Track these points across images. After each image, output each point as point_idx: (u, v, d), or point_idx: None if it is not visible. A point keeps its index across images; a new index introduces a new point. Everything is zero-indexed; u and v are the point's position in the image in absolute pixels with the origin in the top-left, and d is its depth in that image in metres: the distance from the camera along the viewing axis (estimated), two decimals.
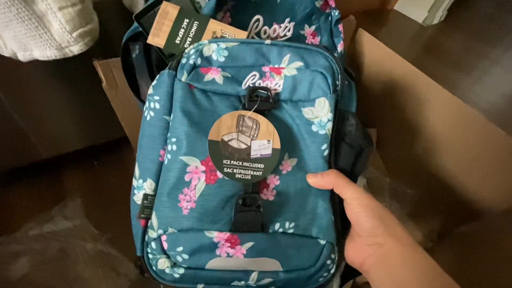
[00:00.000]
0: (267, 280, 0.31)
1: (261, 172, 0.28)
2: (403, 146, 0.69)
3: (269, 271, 0.31)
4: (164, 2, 0.32)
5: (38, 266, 0.66)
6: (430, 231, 0.63)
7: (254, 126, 0.28)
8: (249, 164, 0.28)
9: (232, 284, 0.32)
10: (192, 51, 0.30)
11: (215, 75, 0.28)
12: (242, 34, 0.33)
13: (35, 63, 0.73)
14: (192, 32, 0.33)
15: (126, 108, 0.61)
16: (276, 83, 0.29)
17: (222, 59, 0.28)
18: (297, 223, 0.32)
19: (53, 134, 0.85)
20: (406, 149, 0.68)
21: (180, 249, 0.31)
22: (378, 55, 0.61)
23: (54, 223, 0.74)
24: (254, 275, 0.31)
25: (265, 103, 0.28)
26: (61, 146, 0.89)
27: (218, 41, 0.29)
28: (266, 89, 0.28)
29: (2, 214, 0.80)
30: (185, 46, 0.33)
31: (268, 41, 0.30)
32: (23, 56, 0.51)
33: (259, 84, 0.29)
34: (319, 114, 0.29)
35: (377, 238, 0.31)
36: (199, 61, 0.29)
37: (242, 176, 0.28)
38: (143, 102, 0.48)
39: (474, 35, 1.58)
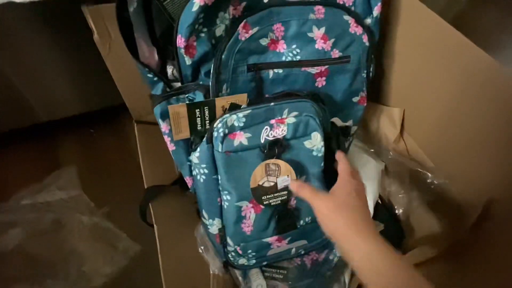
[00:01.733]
0: (300, 251, 0.52)
1: (285, 197, 0.43)
2: (431, 129, 0.61)
3: (300, 245, 0.51)
4: (169, 106, 0.39)
5: (32, 237, 0.63)
6: (451, 223, 0.59)
7: (277, 168, 0.41)
8: (278, 193, 0.43)
9: (280, 258, 0.52)
10: (219, 125, 0.40)
11: (240, 139, 0.40)
12: (243, 97, 0.42)
13: (30, 15, 0.64)
14: (206, 116, 0.41)
15: (122, 67, 0.53)
16: (282, 129, 0.41)
17: (241, 124, 0.40)
18: (312, 217, 0.48)
19: (50, 97, 0.79)
20: (435, 133, 0.61)
21: (250, 251, 0.48)
22: (416, 20, 0.52)
23: (48, 193, 0.69)
24: (293, 251, 0.51)
25: (279, 148, 0.41)
26: (58, 110, 0.82)
27: (236, 112, 0.40)
28: (278, 140, 0.41)
29: None
30: (207, 127, 0.43)
31: (272, 103, 0.41)
32: None
33: (271, 134, 0.41)
34: (315, 143, 0.43)
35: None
36: (226, 131, 0.40)
37: (275, 202, 0.43)
38: (143, 64, 0.40)
39: (509, 11, 1.43)
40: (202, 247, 0.50)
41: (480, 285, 0.49)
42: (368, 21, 0.44)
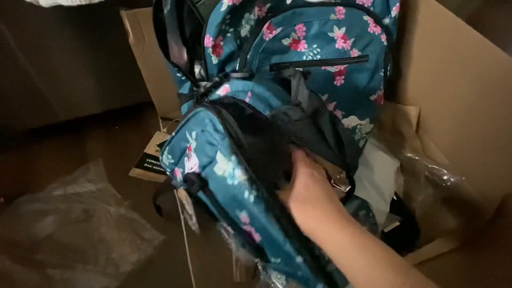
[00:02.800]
0: None
1: None
2: (448, 127, 0.62)
3: None
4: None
5: (63, 226, 0.67)
6: (467, 219, 0.59)
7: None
8: None
9: None
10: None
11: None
12: None
13: (56, 16, 0.67)
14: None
15: (152, 67, 0.56)
16: (194, 162, 0.35)
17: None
18: None
19: (72, 96, 0.82)
20: (451, 131, 0.61)
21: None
22: (433, 21, 0.52)
23: (77, 185, 0.73)
24: None
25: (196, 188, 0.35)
26: (79, 109, 0.86)
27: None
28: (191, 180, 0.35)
29: (26, 173, 0.80)
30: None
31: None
32: (45, 1, 0.46)
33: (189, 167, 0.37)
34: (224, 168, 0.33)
35: None
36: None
37: None
38: (172, 64, 0.43)
39: None
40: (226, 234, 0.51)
41: (494, 281, 0.49)
42: (387, 21, 0.45)
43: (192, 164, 0.34)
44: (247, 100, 0.33)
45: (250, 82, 0.34)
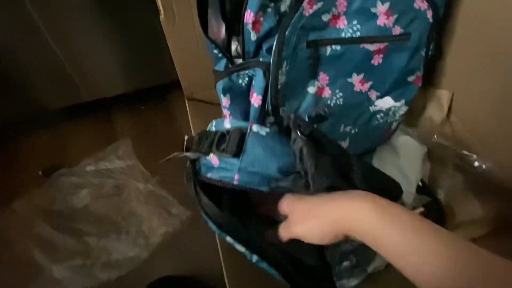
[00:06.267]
0: None
1: None
2: (482, 113, 0.58)
3: None
4: None
5: (97, 199, 0.69)
6: (497, 207, 0.57)
7: None
8: None
9: None
10: None
11: None
12: None
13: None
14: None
15: (182, 47, 0.54)
16: None
17: None
18: None
19: (96, 77, 0.83)
20: (486, 116, 0.58)
21: None
22: None
23: (108, 162, 0.75)
24: None
25: None
26: (103, 90, 0.87)
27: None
28: None
29: (61, 149, 0.82)
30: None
31: None
32: None
33: None
34: None
35: None
36: None
37: None
38: (210, 40, 0.41)
39: None
40: None
41: None
42: None
43: None
44: (235, 182, 0.30)
45: (237, 161, 0.29)
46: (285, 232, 0.30)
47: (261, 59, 0.43)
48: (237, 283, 0.47)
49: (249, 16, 0.37)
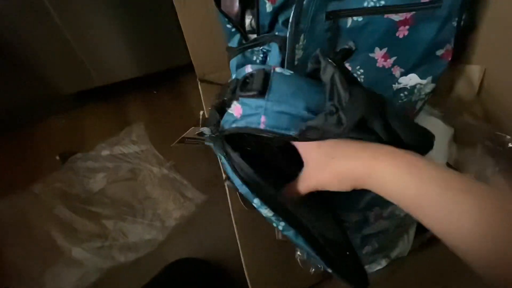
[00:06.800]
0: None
1: None
2: None
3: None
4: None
5: (112, 182, 0.70)
6: None
7: None
8: None
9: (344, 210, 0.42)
10: None
11: None
12: None
13: None
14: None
15: (193, 24, 0.52)
16: None
17: None
18: None
19: (107, 62, 0.83)
20: None
21: None
22: None
23: (123, 146, 0.75)
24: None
25: None
26: (114, 74, 0.86)
27: None
28: None
29: (76, 133, 0.84)
30: None
31: None
32: None
33: None
34: None
35: None
36: None
37: None
38: (223, 14, 0.39)
39: None
40: None
41: None
42: None
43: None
44: (261, 126, 0.27)
45: (262, 101, 0.27)
46: (303, 184, 0.29)
47: (276, 33, 0.40)
48: (253, 264, 0.46)
49: None
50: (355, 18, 0.39)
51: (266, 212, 0.29)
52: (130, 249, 0.60)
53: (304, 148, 0.28)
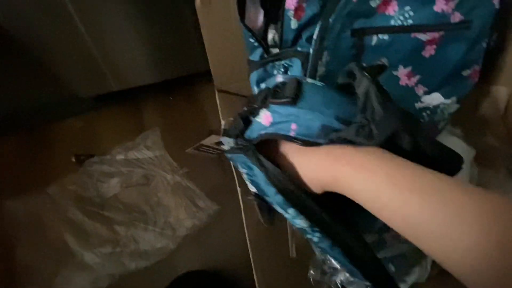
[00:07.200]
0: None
1: None
2: None
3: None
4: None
5: (126, 188, 0.71)
6: None
7: None
8: None
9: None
10: None
11: None
12: None
13: None
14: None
15: (215, 34, 0.52)
16: None
17: None
18: None
19: (125, 67, 0.84)
20: None
21: None
22: None
23: (137, 151, 0.76)
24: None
25: None
26: (132, 79, 0.88)
27: None
28: None
29: (92, 136, 0.85)
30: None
31: None
32: None
33: None
34: None
35: None
36: None
37: None
38: (247, 28, 0.39)
39: None
40: None
41: None
42: None
43: (248, 184, 0.33)
44: (291, 134, 0.27)
45: (293, 108, 0.27)
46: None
47: (299, 49, 0.40)
48: (265, 281, 0.45)
49: (291, 2, 0.34)
50: (380, 36, 0.39)
51: (300, 223, 0.28)
52: (141, 256, 0.60)
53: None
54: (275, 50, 0.42)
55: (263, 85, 0.41)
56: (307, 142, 0.26)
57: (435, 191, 0.18)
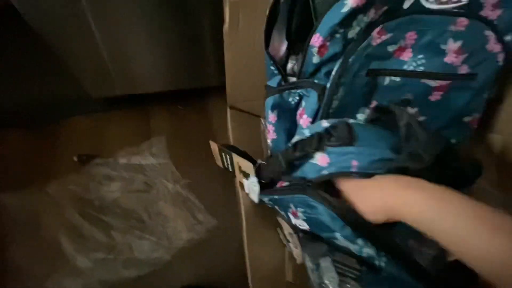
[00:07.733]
0: None
1: None
2: None
3: None
4: (210, 142, 0.47)
5: (126, 193, 0.70)
6: None
7: None
8: None
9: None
10: None
11: None
12: (250, 167, 0.44)
13: None
14: (228, 161, 0.49)
15: (237, 56, 0.54)
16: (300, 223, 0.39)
17: None
18: None
19: (134, 72, 0.84)
20: None
21: None
22: None
23: (141, 157, 0.76)
24: None
25: None
26: (143, 85, 0.88)
27: None
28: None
29: (98, 137, 0.84)
30: (229, 169, 0.49)
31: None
32: None
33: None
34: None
35: None
36: None
37: None
38: (269, 55, 0.42)
39: None
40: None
41: None
42: (508, 38, 0.40)
43: (299, 222, 0.37)
44: (353, 170, 0.30)
45: (351, 147, 0.30)
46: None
47: (316, 81, 0.42)
48: None
49: (317, 40, 0.36)
50: (393, 78, 0.41)
51: (368, 251, 0.31)
52: (134, 265, 0.59)
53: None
54: (293, 79, 0.44)
55: (268, 112, 0.44)
56: (367, 174, 0.29)
57: (474, 220, 0.23)
